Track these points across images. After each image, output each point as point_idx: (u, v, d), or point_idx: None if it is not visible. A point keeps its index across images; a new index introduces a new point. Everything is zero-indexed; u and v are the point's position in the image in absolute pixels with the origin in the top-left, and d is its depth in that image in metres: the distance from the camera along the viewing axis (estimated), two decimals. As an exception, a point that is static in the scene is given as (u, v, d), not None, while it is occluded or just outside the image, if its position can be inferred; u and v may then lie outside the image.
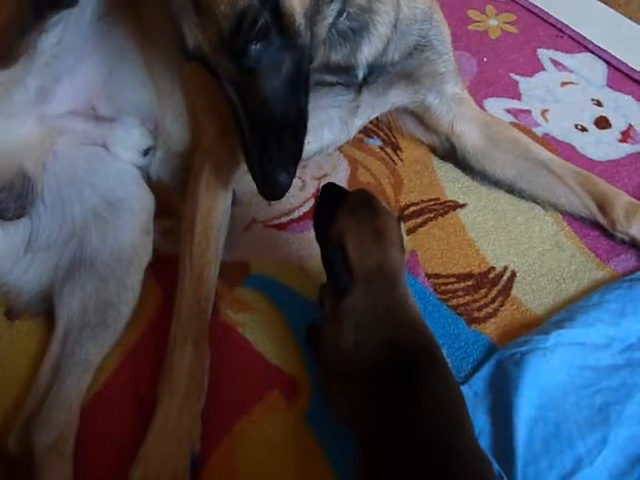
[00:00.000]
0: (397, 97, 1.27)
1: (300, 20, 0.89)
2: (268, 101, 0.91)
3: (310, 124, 1.18)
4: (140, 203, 1.18)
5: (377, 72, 1.16)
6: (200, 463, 0.95)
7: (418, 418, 0.79)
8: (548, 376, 0.99)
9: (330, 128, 1.21)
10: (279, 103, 0.92)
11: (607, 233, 1.21)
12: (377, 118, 1.42)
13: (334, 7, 0.98)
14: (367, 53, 1.11)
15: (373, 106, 1.25)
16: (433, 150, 1.39)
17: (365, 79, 1.15)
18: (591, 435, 0.93)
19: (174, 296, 1.08)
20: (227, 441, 0.98)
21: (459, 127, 1.30)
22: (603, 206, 1.20)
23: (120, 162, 1.19)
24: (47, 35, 1.06)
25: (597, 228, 1.23)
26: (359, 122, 1.26)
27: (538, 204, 1.28)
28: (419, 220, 1.28)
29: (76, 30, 1.12)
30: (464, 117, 1.30)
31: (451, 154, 1.34)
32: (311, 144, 1.21)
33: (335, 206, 0.94)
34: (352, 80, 1.14)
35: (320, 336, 0.96)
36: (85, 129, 1.17)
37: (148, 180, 1.24)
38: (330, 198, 0.97)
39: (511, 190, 1.29)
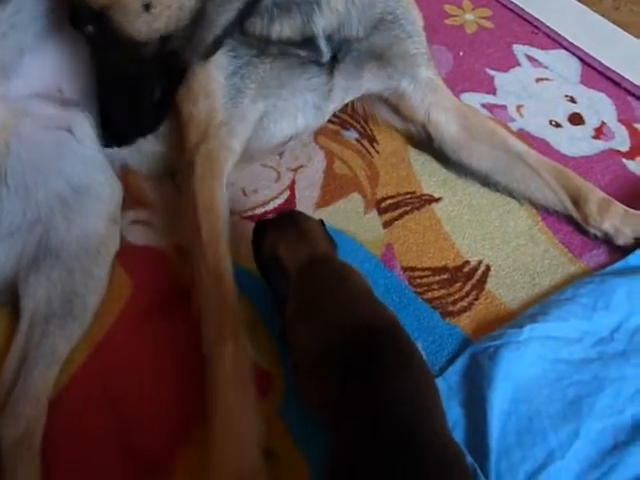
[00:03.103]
0: (371, 82, 1.27)
1: (143, 40, 0.98)
2: (103, 72, 1.04)
3: (285, 110, 1.20)
4: (107, 191, 1.15)
5: (344, 48, 1.16)
6: (273, 454, 0.92)
7: (383, 401, 0.80)
8: (521, 370, 0.99)
9: (304, 114, 1.21)
10: (112, 77, 1.03)
11: (580, 228, 1.22)
12: (353, 109, 1.42)
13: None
14: (322, 25, 1.11)
15: (346, 89, 1.25)
16: (409, 139, 1.38)
17: (334, 56, 1.15)
18: (563, 428, 0.93)
19: (193, 302, 1.04)
20: (199, 433, 0.96)
21: (435, 116, 1.29)
22: (577, 201, 1.21)
23: (87, 148, 1.15)
24: (3, 4, 1.04)
25: (570, 223, 1.24)
26: (332, 106, 1.26)
27: (513, 197, 1.28)
28: (395, 213, 1.28)
29: (37, 2, 1.10)
30: (440, 106, 1.29)
31: (427, 144, 1.34)
32: (285, 130, 1.23)
33: (263, 232, 1.04)
34: (318, 54, 1.14)
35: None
36: (50, 112, 1.13)
37: (117, 168, 1.21)
38: (261, 231, 1.05)
39: (486, 182, 1.29)
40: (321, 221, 1.06)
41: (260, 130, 1.19)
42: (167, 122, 1.19)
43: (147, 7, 0.96)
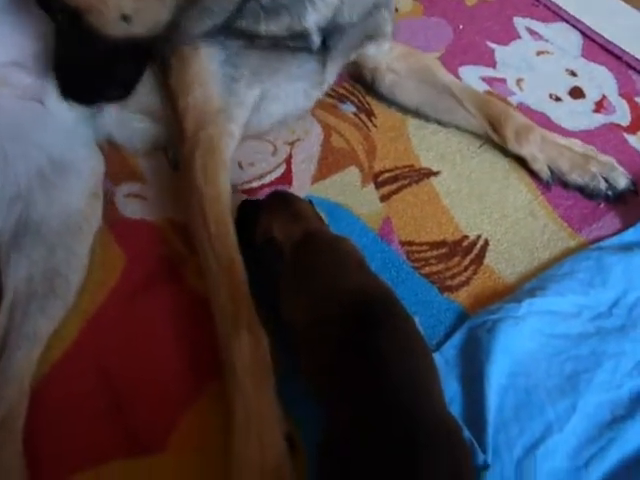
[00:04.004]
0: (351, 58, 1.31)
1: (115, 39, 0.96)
2: (65, 48, 1.03)
3: (276, 96, 1.19)
4: (89, 166, 1.12)
5: (337, 34, 1.15)
6: (292, 440, 0.91)
7: (378, 377, 0.79)
8: (519, 344, 0.99)
9: (294, 100, 1.22)
10: (74, 55, 1.02)
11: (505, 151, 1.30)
12: (351, 83, 1.44)
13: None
14: (315, 20, 1.10)
15: (335, 75, 1.27)
16: (352, 77, 1.44)
17: (325, 43, 1.14)
18: (561, 402, 0.93)
19: (208, 295, 1.01)
20: (198, 406, 0.96)
21: (383, 66, 1.37)
22: (496, 128, 1.28)
23: (69, 122, 1.13)
24: None
25: (570, 197, 1.24)
26: (320, 94, 1.29)
27: (445, 126, 1.35)
28: (393, 187, 1.26)
29: None
30: (389, 56, 1.36)
31: (368, 85, 1.41)
32: (274, 114, 1.23)
33: (255, 215, 1.03)
34: (309, 43, 1.13)
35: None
36: (28, 81, 1.10)
37: (103, 142, 1.19)
38: (247, 213, 1.06)
39: (417, 115, 1.37)
40: (310, 202, 1.07)
41: (252, 115, 1.18)
42: (154, 97, 1.17)
43: (125, 18, 0.96)
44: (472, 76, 1.47)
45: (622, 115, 1.40)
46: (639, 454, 0.89)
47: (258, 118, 1.19)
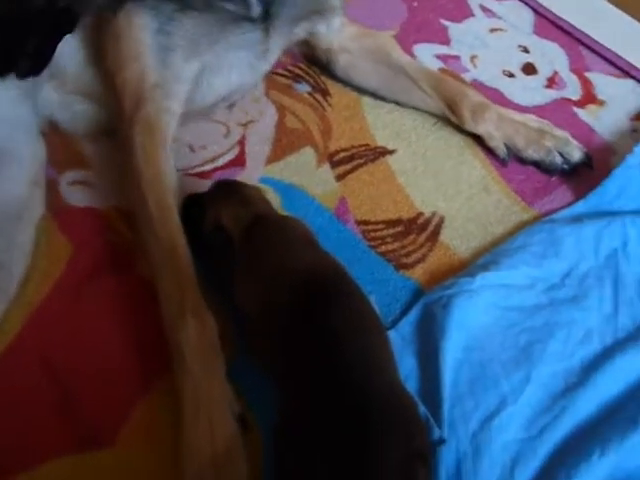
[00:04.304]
0: (300, 34, 1.29)
1: None
2: None
3: (219, 68, 1.16)
4: (29, 152, 1.08)
5: (279, 2, 1.14)
6: (245, 422, 0.89)
7: (330, 354, 0.79)
8: (474, 318, 0.99)
9: (239, 72, 1.18)
10: None
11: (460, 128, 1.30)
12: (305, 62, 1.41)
13: None
14: None
15: (281, 47, 1.24)
16: (306, 58, 1.42)
17: (268, 12, 1.13)
18: (515, 374, 0.94)
19: (153, 281, 0.98)
20: (149, 399, 0.93)
21: (336, 46, 1.35)
22: (452, 107, 1.28)
23: (6, 106, 1.08)
24: None
25: (523, 172, 1.25)
26: (267, 67, 1.25)
27: (402, 106, 1.34)
28: (349, 166, 1.25)
29: None
30: (341, 36, 1.34)
31: (323, 66, 1.39)
32: (218, 88, 1.19)
33: (201, 207, 1.00)
34: (248, 8, 1.11)
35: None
36: None
37: (45, 126, 1.15)
38: (193, 207, 1.03)
39: (374, 96, 1.36)
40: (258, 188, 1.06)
41: (193, 90, 1.14)
42: (92, 77, 1.14)
43: None
44: (427, 54, 1.47)
45: (573, 90, 1.42)
46: (591, 421, 0.90)
47: (201, 93, 1.16)
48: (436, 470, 0.83)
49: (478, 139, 1.29)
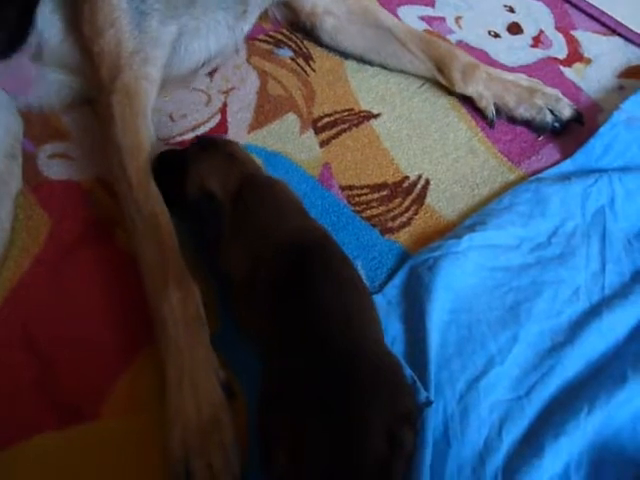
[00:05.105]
0: None
1: None
2: None
3: (197, 31, 1.13)
4: (2, 125, 1.05)
5: None
6: (231, 389, 0.88)
7: (314, 317, 0.78)
8: (461, 279, 0.98)
9: (216, 35, 1.16)
10: None
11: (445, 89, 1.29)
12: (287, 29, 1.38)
13: None
14: None
15: (261, 7, 1.22)
16: (290, 25, 1.39)
17: None
18: (502, 334, 0.93)
19: (134, 250, 0.96)
20: (132, 371, 0.92)
21: (319, 8, 1.32)
22: (442, 69, 1.26)
23: None
24: None
25: (509, 132, 1.23)
26: (246, 28, 1.22)
27: (389, 70, 1.32)
28: (332, 132, 1.23)
29: None
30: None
31: (310, 33, 1.36)
32: (197, 52, 1.16)
33: (181, 167, 0.96)
34: None
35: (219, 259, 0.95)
36: None
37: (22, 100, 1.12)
38: (170, 165, 0.98)
39: (362, 60, 1.34)
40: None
41: (171, 55, 1.12)
42: (69, 48, 1.11)
43: None
44: (411, 16, 1.44)
45: (559, 49, 1.40)
46: (579, 379, 0.90)
47: (179, 58, 1.14)
48: (423, 432, 0.82)
49: (464, 101, 1.27)
